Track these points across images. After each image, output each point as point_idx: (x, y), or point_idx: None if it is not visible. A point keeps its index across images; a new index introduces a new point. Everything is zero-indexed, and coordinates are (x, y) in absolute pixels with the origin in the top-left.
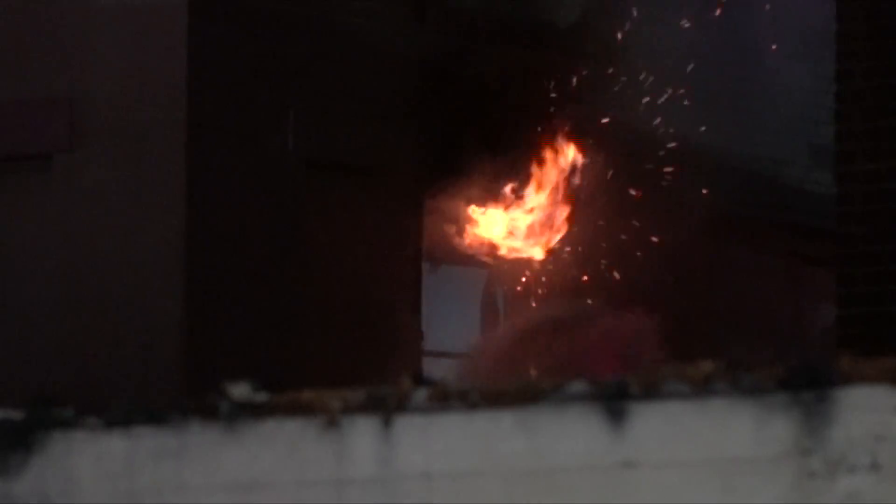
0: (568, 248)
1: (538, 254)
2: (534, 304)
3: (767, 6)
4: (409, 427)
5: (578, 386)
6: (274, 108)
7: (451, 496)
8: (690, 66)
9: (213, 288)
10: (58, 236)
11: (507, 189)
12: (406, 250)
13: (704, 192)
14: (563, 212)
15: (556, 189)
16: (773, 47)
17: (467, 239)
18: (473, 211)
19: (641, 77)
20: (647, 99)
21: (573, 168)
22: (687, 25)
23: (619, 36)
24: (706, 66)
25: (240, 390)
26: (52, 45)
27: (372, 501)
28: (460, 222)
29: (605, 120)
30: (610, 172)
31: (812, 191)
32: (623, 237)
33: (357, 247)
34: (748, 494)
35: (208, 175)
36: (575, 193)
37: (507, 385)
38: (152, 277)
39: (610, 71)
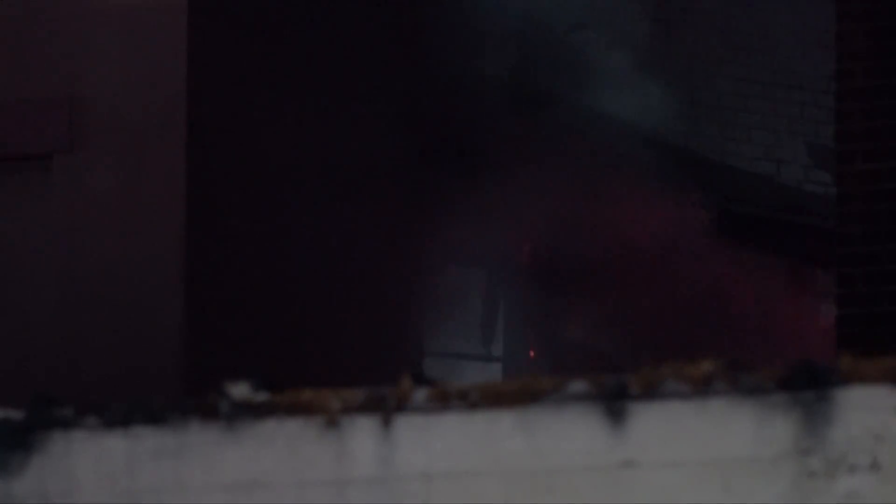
0: (568, 248)
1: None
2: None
3: (768, 5)
4: (409, 427)
5: (578, 386)
6: (274, 108)
7: (451, 496)
8: (689, 67)
9: (213, 288)
10: (58, 236)
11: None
12: (406, 250)
13: (704, 192)
14: (563, 209)
15: (555, 186)
16: (773, 46)
17: (468, 239)
18: (475, 210)
19: (640, 76)
20: (646, 100)
21: (571, 164)
22: (686, 26)
23: (619, 35)
24: (706, 67)
25: (240, 390)
26: (52, 45)
27: (372, 501)
28: (461, 221)
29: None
30: (608, 169)
31: (812, 191)
32: (624, 237)
33: (357, 246)
34: (748, 494)
35: (208, 175)
36: (573, 190)
37: (507, 385)
38: (152, 277)
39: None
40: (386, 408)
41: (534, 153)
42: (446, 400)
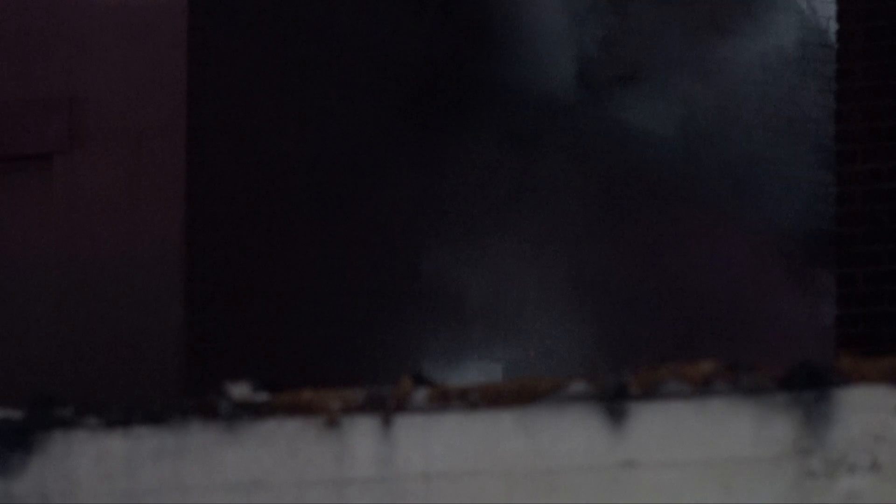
0: (568, 247)
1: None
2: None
3: (767, 6)
4: (409, 427)
5: (578, 386)
6: (274, 108)
7: (451, 496)
8: (689, 67)
9: (213, 287)
10: (58, 236)
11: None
12: (406, 250)
13: (705, 192)
14: (561, 208)
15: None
16: (773, 46)
17: (469, 238)
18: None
19: (641, 77)
20: (646, 100)
21: (575, 163)
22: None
23: (619, 36)
24: (704, 67)
25: (240, 390)
26: (52, 45)
27: (372, 501)
28: (463, 221)
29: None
30: (609, 171)
31: (812, 191)
32: (623, 237)
33: (357, 246)
34: (748, 494)
35: (208, 175)
36: (570, 190)
37: (507, 385)
38: (152, 277)
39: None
40: (386, 408)
41: (540, 152)
42: (446, 400)
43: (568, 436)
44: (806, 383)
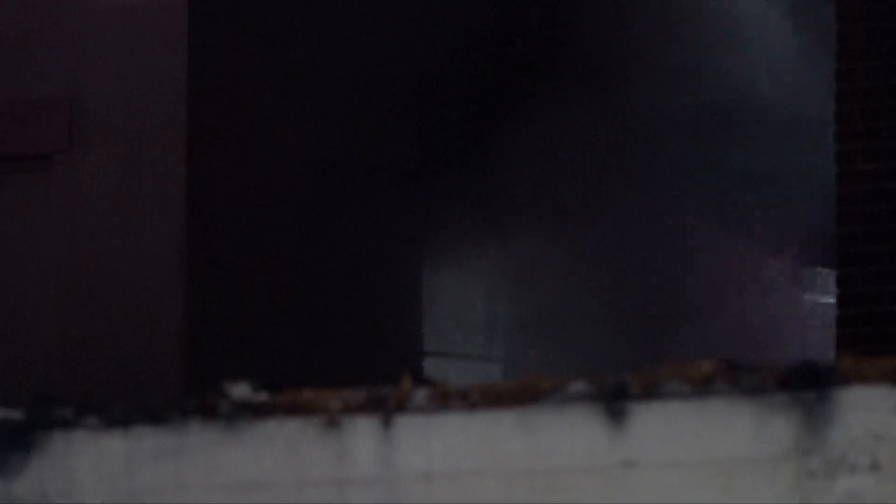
0: (568, 246)
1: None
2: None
3: (766, 5)
4: (409, 427)
5: (578, 386)
6: (274, 108)
7: (451, 496)
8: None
9: (213, 287)
10: (58, 236)
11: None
12: (406, 250)
13: (704, 192)
14: (561, 207)
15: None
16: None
17: (469, 238)
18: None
19: (641, 76)
20: (646, 99)
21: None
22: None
23: (618, 37)
24: (704, 67)
25: (240, 390)
26: (52, 45)
27: (372, 501)
28: (463, 220)
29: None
30: (608, 168)
31: (812, 191)
32: (624, 236)
33: (357, 246)
34: (748, 494)
35: (208, 175)
36: (573, 188)
37: (507, 385)
38: (152, 277)
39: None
40: (386, 408)
41: (536, 145)
42: (446, 400)
43: (568, 436)
44: (806, 383)
